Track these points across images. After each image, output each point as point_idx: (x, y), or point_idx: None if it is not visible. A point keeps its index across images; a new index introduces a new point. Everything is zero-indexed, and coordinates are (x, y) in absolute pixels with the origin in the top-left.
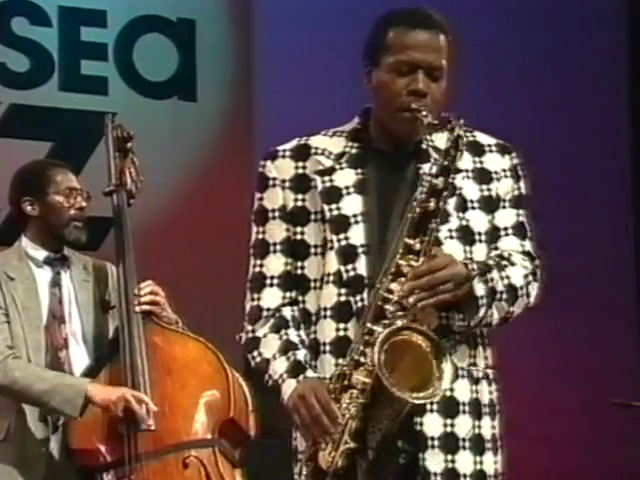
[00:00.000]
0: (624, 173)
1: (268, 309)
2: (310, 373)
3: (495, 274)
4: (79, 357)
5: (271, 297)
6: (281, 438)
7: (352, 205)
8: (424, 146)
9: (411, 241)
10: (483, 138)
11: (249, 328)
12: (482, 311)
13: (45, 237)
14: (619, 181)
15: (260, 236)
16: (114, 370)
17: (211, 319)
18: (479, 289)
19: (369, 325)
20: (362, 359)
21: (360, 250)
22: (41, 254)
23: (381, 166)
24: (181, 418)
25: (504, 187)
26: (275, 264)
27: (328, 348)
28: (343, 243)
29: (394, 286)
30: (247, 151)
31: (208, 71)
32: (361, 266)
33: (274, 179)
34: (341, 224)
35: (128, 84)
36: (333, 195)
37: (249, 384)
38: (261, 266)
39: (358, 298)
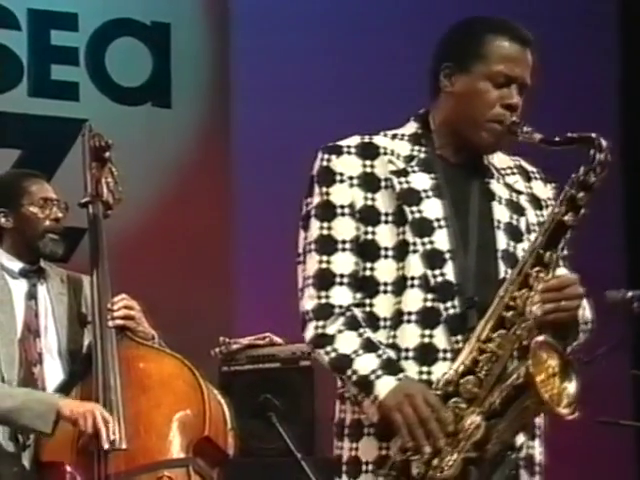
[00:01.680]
0: (615, 178)
1: (340, 306)
2: (409, 374)
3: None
4: (54, 372)
5: (341, 295)
6: (255, 457)
7: (433, 209)
8: (486, 162)
9: (543, 252)
10: (525, 164)
11: (319, 324)
12: (581, 336)
13: (20, 249)
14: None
15: (325, 232)
16: (86, 387)
17: (185, 332)
18: (586, 314)
19: (488, 332)
20: (475, 367)
21: (447, 255)
22: (17, 265)
23: (448, 174)
24: (155, 437)
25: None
26: (344, 262)
27: (411, 354)
28: (428, 247)
29: (518, 295)
30: (223, 158)
31: (183, 77)
32: (449, 272)
33: (341, 174)
34: (425, 227)
35: (100, 90)
36: (413, 197)
37: (227, 402)
38: (328, 262)
39: (449, 305)
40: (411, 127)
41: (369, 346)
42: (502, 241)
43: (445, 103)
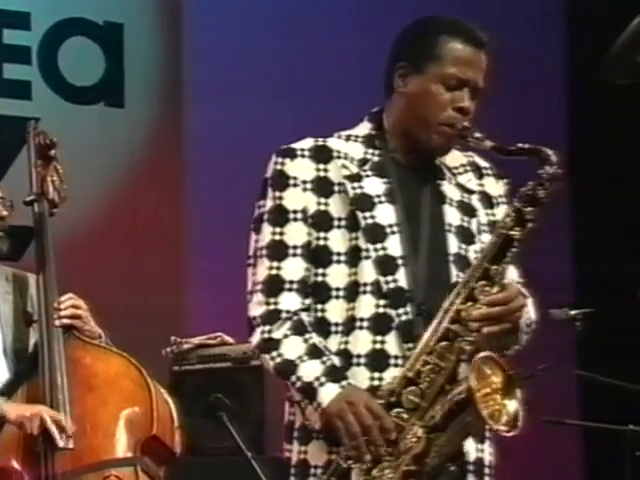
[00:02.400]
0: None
1: (288, 311)
2: (353, 382)
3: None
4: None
5: (290, 301)
6: (206, 456)
7: (386, 214)
8: (437, 162)
9: (489, 266)
10: (479, 159)
11: (265, 329)
12: (523, 339)
13: None
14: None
15: (277, 237)
16: (32, 387)
17: (136, 332)
18: (530, 316)
19: (432, 344)
20: (417, 379)
21: (400, 262)
22: None
23: (401, 178)
24: (102, 436)
25: (501, 214)
26: (294, 268)
27: (363, 360)
28: (381, 253)
29: (463, 308)
30: (176, 159)
31: (136, 76)
32: (401, 278)
33: (295, 178)
34: (377, 233)
35: (53, 89)
36: (366, 202)
37: (172, 399)
38: (278, 268)
39: (401, 311)
40: (365, 128)
41: (314, 352)
42: (453, 245)
43: (398, 103)
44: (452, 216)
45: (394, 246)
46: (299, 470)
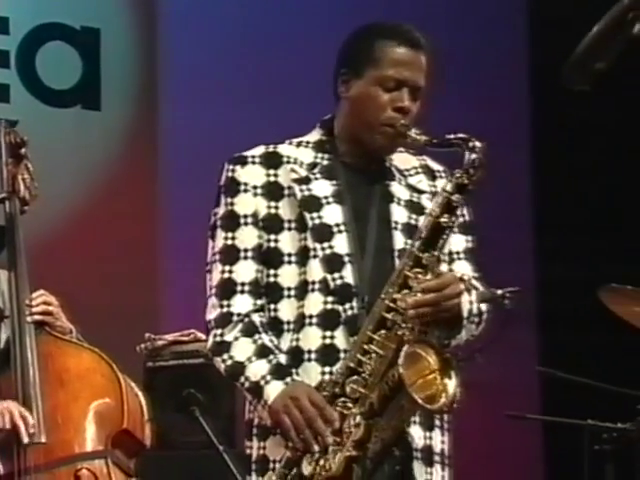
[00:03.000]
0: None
1: (239, 314)
2: (297, 377)
3: (472, 296)
4: None
5: (241, 303)
6: (179, 450)
7: (333, 214)
8: (387, 164)
9: (421, 254)
10: (431, 162)
11: (217, 332)
12: (463, 332)
13: None
14: (520, 194)
15: (230, 242)
16: (5, 382)
17: (111, 329)
18: (465, 310)
19: (369, 333)
20: (359, 368)
21: (346, 259)
22: None
23: (351, 179)
24: (73, 430)
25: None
26: (246, 271)
27: (313, 356)
28: (328, 252)
29: (399, 296)
30: (151, 160)
31: (113, 80)
32: (348, 275)
33: (245, 184)
34: (324, 233)
35: (31, 92)
36: (313, 204)
37: (146, 394)
38: (230, 272)
39: (347, 307)
40: (316, 134)
41: (262, 352)
42: (399, 241)
43: (343, 108)
44: (399, 214)
45: (341, 244)
46: (259, 465)
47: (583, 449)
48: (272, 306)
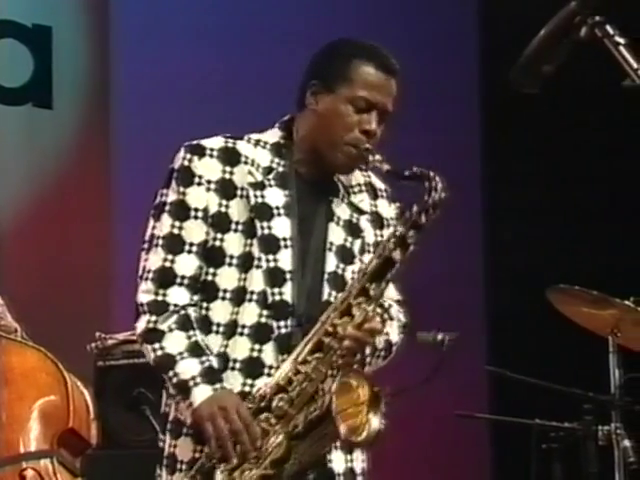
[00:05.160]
0: (474, 185)
1: (176, 305)
2: (226, 385)
3: (386, 328)
4: None
5: (179, 295)
6: (126, 448)
7: (282, 227)
8: (335, 179)
9: (368, 285)
10: (375, 180)
11: (151, 319)
12: (366, 367)
13: None
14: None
15: (176, 231)
16: None
17: (62, 329)
18: (390, 339)
19: (304, 355)
20: (288, 386)
21: (288, 276)
22: None
23: (301, 191)
24: (18, 429)
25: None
26: (188, 264)
27: (238, 365)
28: (272, 265)
29: (339, 322)
30: (103, 159)
31: (64, 78)
32: (287, 292)
33: (200, 177)
34: (271, 245)
35: None
36: (265, 212)
37: (97, 393)
38: (172, 262)
39: (282, 324)
40: (275, 135)
41: (195, 350)
42: (331, 263)
43: (308, 119)
44: (336, 235)
45: (285, 260)
46: (169, 462)
47: (531, 448)
48: (205, 304)
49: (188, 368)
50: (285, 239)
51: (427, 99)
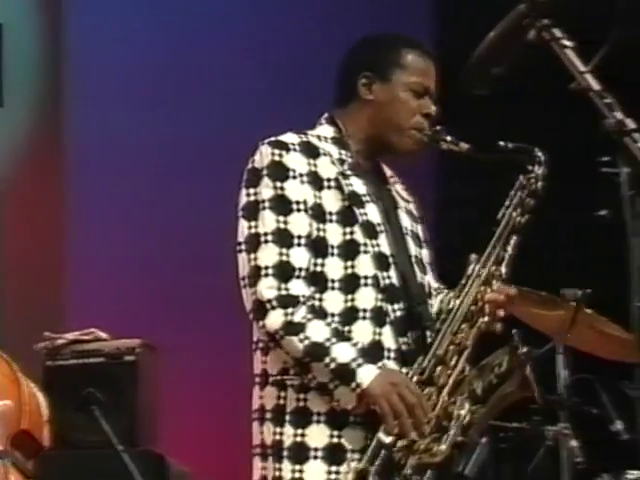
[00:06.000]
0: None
1: (303, 295)
2: (390, 363)
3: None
4: None
5: (300, 287)
6: (79, 449)
7: (374, 214)
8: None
9: (501, 252)
10: (385, 167)
11: (288, 311)
12: None
13: None
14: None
15: (282, 226)
16: None
17: (11, 328)
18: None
19: (457, 325)
20: (446, 358)
21: (390, 260)
22: None
23: (369, 180)
24: None
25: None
26: (301, 257)
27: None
28: (377, 249)
29: (481, 290)
30: (55, 157)
31: (16, 76)
32: (393, 275)
33: (294, 171)
34: (372, 230)
35: None
36: (359, 200)
37: (46, 393)
38: (287, 255)
39: (396, 307)
40: (328, 130)
41: (339, 334)
42: (412, 247)
43: (362, 110)
44: (405, 221)
45: (384, 244)
46: (292, 453)
47: None
48: (318, 295)
49: (344, 352)
50: (379, 224)
51: None
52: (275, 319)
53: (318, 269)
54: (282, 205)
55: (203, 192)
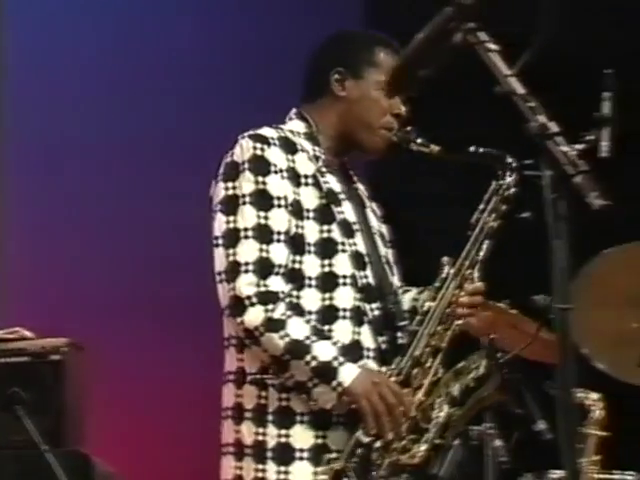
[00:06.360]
0: None
1: (282, 292)
2: (369, 363)
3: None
4: None
5: (279, 284)
6: (3, 449)
7: (349, 212)
8: (349, 167)
9: (475, 256)
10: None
11: (268, 308)
12: None
13: None
14: None
15: (263, 221)
16: None
17: None
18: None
19: (434, 327)
20: (422, 359)
21: (366, 259)
22: None
23: (339, 176)
24: None
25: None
26: (281, 254)
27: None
28: (353, 249)
29: (456, 293)
30: None
31: None
32: (369, 274)
33: (275, 165)
34: (349, 229)
35: None
36: (336, 198)
37: None
38: (267, 252)
39: (373, 306)
40: (299, 126)
41: (319, 332)
42: (381, 247)
43: (332, 106)
44: (372, 220)
45: (360, 243)
46: (277, 454)
47: None
48: (295, 293)
49: (325, 350)
50: (355, 223)
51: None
52: (255, 316)
53: (296, 266)
54: (263, 200)
55: (138, 191)
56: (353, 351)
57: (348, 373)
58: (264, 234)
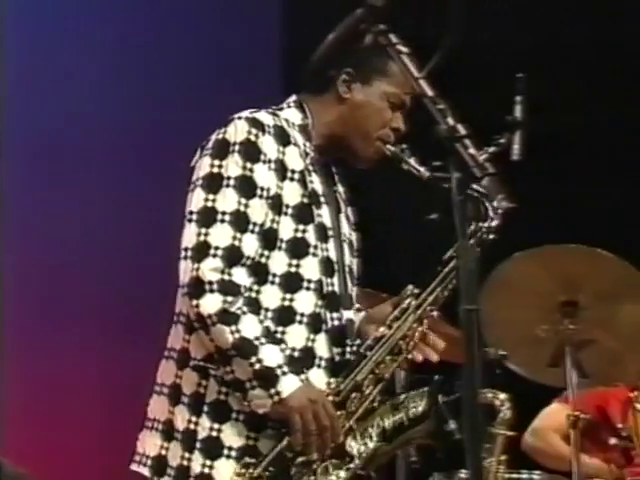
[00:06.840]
0: None
1: (245, 286)
2: (310, 378)
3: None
4: None
5: (242, 276)
6: None
7: (327, 216)
8: (334, 169)
9: (440, 292)
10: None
11: (227, 299)
12: None
13: None
14: None
15: (242, 208)
16: None
17: None
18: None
19: (383, 355)
20: (363, 386)
21: (336, 267)
22: None
23: (322, 177)
24: None
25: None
26: (252, 245)
27: (296, 354)
28: (325, 254)
29: (414, 327)
30: None
31: None
32: (335, 283)
33: (265, 155)
34: (324, 233)
35: None
36: (317, 199)
37: None
38: (240, 240)
39: (335, 315)
40: (296, 116)
41: (269, 335)
42: (347, 256)
43: (334, 105)
44: (345, 227)
45: (332, 250)
46: (207, 445)
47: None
48: (256, 287)
49: (272, 355)
50: (330, 229)
51: (231, 100)
52: (212, 303)
53: (262, 260)
54: (247, 187)
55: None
56: (305, 358)
57: (289, 384)
58: (241, 222)
